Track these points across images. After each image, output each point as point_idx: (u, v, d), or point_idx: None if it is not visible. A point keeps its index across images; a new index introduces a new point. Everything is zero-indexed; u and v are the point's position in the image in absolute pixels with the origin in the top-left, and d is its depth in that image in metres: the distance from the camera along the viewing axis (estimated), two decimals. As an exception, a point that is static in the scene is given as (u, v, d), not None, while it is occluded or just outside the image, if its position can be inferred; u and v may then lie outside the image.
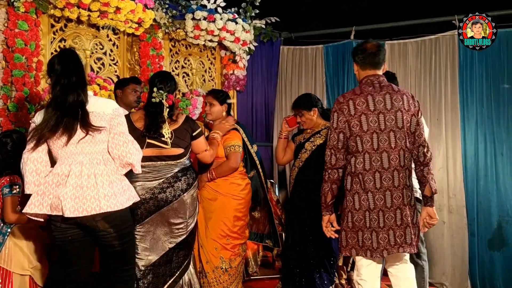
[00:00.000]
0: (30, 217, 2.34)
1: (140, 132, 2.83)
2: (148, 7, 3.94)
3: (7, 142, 2.83)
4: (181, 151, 2.89)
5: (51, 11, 3.58)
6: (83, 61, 2.57)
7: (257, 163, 3.47)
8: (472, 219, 4.38)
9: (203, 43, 4.66)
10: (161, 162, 2.85)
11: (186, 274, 2.99)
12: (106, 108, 2.38)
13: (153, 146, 2.83)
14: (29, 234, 2.82)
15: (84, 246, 2.38)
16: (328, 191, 2.57)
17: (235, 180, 3.31)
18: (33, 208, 2.25)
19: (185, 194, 2.88)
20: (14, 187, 2.73)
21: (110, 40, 4.09)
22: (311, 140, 3.41)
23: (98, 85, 3.80)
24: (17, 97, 3.31)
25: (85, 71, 2.45)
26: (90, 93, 2.44)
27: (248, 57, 5.06)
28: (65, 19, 3.76)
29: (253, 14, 4.84)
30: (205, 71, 4.91)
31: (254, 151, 3.47)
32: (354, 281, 2.66)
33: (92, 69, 3.93)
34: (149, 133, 2.81)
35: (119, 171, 2.38)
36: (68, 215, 2.19)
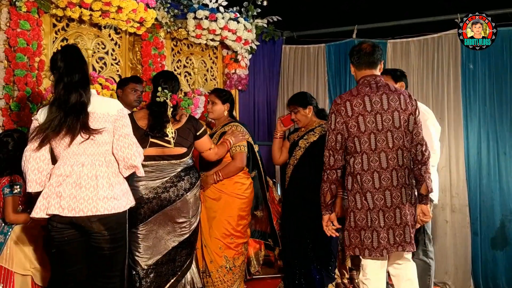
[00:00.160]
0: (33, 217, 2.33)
1: (143, 131, 2.83)
2: (150, 6, 3.94)
3: (8, 142, 2.82)
4: (184, 150, 2.89)
5: (53, 11, 3.58)
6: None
7: (259, 162, 3.48)
8: (475, 218, 4.38)
9: (205, 42, 4.65)
10: (164, 162, 2.85)
11: (189, 273, 3.00)
12: (110, 109, 2.34)
13: (156, 145, 2.84)
14: (30, 234, 2.81)
15: (81, 246, 2.34)
16: (327, 191, 2.60)
17: (239, 179, 3.31)
18: (38, 212, 2.23)
19: (188, 194, 2.89)
20: (14, 187, 2.73)
21: (112, 39, 4.09)
22: (304, 138, 3.45)
23: (100, 84, 3.80)
24: (19, 96, 3.31)
25: (88, 68, 2.43)
26: (94, 92, 2.40)
27: (250, 56, 5.05)
28: (67, 19, 3.76)
29: (255, 13, 4.83)
30: (207, 70, 4.91)
31: (257, 151, 3.48)
32: (359, 281, 2.67)
33: (94, 69, 3.93)
34: (153, 132, 2.81)
35: (120, 174, 2.36)
36: (66, 214, 2.17)
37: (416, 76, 4.75)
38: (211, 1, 4.49)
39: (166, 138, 2.84)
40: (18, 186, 2.74)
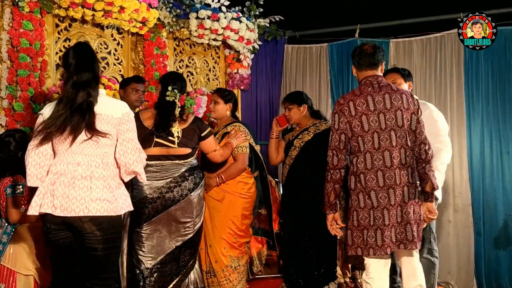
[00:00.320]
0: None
1: (149, 130, 2.84)
2: (152, 6, 3.95)
3: (10, 142, 2.82)
4: (188, 151, 2.90)
5: (56, 11, 3.59)
6: None
7: (262, 162, 3.48)
8: (478, 218, 4.37)
9: (207, 42, 4.66)
10: (169, 162, 2.85)
11: (192, 273, 3.01)
12: (115, 111, 2.29)
13: (161, 145, 2.84)
14: (33, 234, 2.81)
15: (78, 249, 2.29)
16: (331, 190, 2.62)
17: (242, 179, 3.32)
18: (31, 209, 2.20)
19: (192, 194, 2.89)
20: (17, 187, 2.73)
21: (115, 39, 4.10)
22: (299, 137, 3.48)
23: (102, 84, 3.80)
24: (22, 96, 3.33)
25: (99, 66, 2.38)
26: (103, 92, 2.36)
27: (252, 56, 5.05)
28: (69, 19, 3.77)
29: (257, 13, 4.83)
30: (209, 70, 4.91)
31: (259, 151, 3.48)
32: (362, 280, 2.68)
33: (96, 69, 3.94)
34: (158, 131, 2.82)
35: (117, 178, 2.30)
36: (58, 213, 2.14)
37: (419, 76, 4.74)
38: (213, 1, 4.50)
39: (171, 138, 2.84)
40: (21, 186, 2.74)
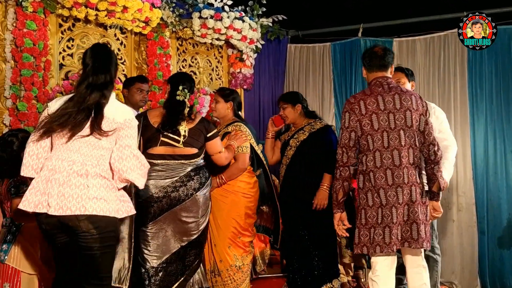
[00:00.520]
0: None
1: (155, 129, 2.85)
2: (155, 6, 3.96)
3: (13, 142, 2.80)
4: (194, 151, 2.90)
5: (59, 11, 3.60)
6: None
7: (264, 162, 3.47)
8: (481, 217, 4.35)
9: (210, 41, 4.66)
10: (174, 161, 2.85)
11: (197, 272, 3.00)
12: (117, 115, 2.26)
13: (167, 144, 2.85)
14: (38, 234, 2.79)
15: (76, 251, 2.25)
16: (339, 188, 2.64)
17: (244, 178, 3.32)
18: (26, 205, 2.16)
19: (197, 193, 2.88)
20: (21, 187, 2.72)
21: (118, 39, 4.11)
22: (295, 137, 3.53)
23: (107, 84, 3.81)
24: (25, 96, 3.34)
25: (116, 69, 2.37)
26: (113, 95, 2.33)
27: (255, 55, 5.05)
28: (73, 19, 3.78)
29: (260, 12, 4.83)
30: (212, 69, 4.92)
31: (260, 150, 3.47)
32: (369, 279, 2.70)
33: (99, 68, 3.95)
34: (165, 129, 2.82)
35: (116, 182, 2.26)
36: (52, 212, 2.10)
37: (423, 75, 4.73)
38: (216, 1, 4.50)
39: (177, 137, 2.85)
40: (25, 186, 2.73)
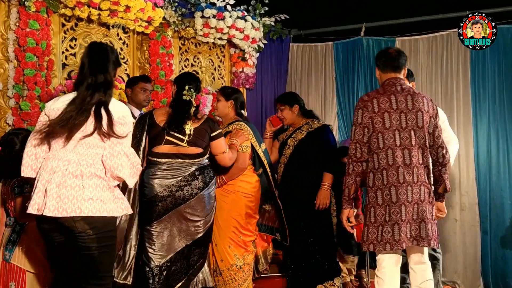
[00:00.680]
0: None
1: (160, 128, 2.85)
2: (157, 5, 3.96)
3: (14, 142, 2.80)
4: (199, 150, 2.90)
5: (62, 10, 3.60)
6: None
7: (264, 162, 3.46)
8: (484, 217, 4.35)
9: (212, 41, 4.66)
10: (179, 160, 2.85)
11: (201, 272, 3.00)
12: (112, 113, 2.25)
13: (171, 143, 2.85)
14: (41, 233, 2.82)
15: (72, 252, 2.25)
16: (352, 183, 2.67)
17: (244, 178, 3.31)
18: (30, 209, 2.16)
19: (202, 192, 2.88)
20: (25, 186, 2.72)
21: (120, 38, 4.11)
22: (293, 136, 3.58)
23: (109, 83, 3.81)
24: (28, 96, 3.34)
25: (114, 67, 2.34)
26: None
27: (258, 54, 5.04)
28: (75, 18, 3.78)
29: (262, 12, 4.83)
30: (215, 69, 4.91)
31: (262, 150, 3.46)
32: (375, 276, 2.74)
33: (102, 68, 3.95)
34: (170, 128, 2.83)
35: (111, 180, 2.25)
36: (47, 213, 2.09)
37: (425, 74, 4.72)
38: (218, 0, 4.49)
39: (181, 136, 2.85)
40: (29, 186, 2.74)
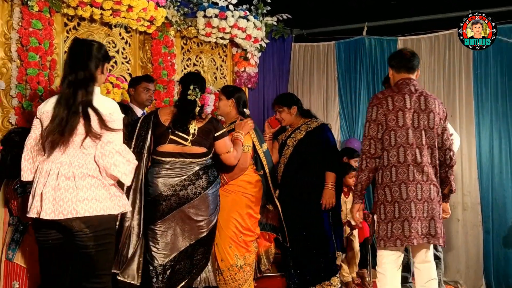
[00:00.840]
0: None
1: (165, 127, 2.85)
2: (160, 5, 3.96)
3: (16, 141, 2.81)
4: (203, 150, 2.90)
5: (65, 10, 3.61)
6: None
7: (264, 163, 3.45)
8: (487, 217, 4.34)
9: (214, 40, 4.66)
10: (183, 159, 2.86)
11: (204, 271, 3.00)
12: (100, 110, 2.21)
13: (175, 142, 2.85)
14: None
15: (66, 252, 2.26)
16: (365, 179, 2.72)
17: (245, 177, 3.30)
18: (29, 212, 2.18)
19: (206, 192, 2.89)
20: (27, 186, 2.73)
21: (123, 38, 4.11)
22: (292, 137, 3.58)
23: (111, 83, 3.82)
24: (31, 95, 3.34)
25: (97, 63, 2.28)
26: (97, 90, 2.28)
27: (260, 54, 5.05)
28: (78, 18, 3.79)
29: (264, 11, 4.83)
30: (217, 68, 4.92)
31: (263, 151, 3.45)
32: (377, 272, 2.77)
33: (105, 67, 3.96)
34: (175, 127, 2.83)
35: (106, 178, 2.22)
36: (44, 216, 2.09)
37: (428, 74, 4.72)
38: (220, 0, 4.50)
39: (185, 135, 2.85)
40: (31, 186, 2.74)
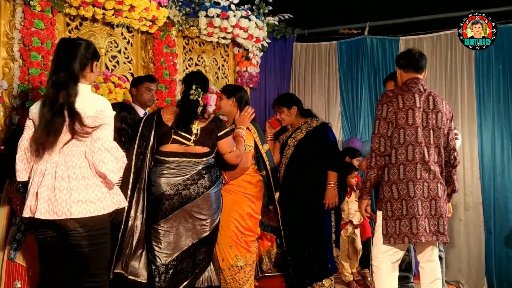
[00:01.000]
0: None
1: (168, 127, 2.86)
2: (162, 5, 3.96)
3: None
4: (206, 150, 2.90)
5: (67, 10, 3.61)
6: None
7: (267, 163, 3.45)
8: (488, 217, 4.35)
9: (216, 40, 4.66)
10: (186, 159, 2.86)
11: (206, 270, 3.01)
12: (88, 109, 2.19)
13: (178, 142, 2.85)
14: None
15: (64, 250, 2.26)
16: (374, 177, 2.73)
17: (246, 177, 3.28)
18: (24, 213, 2.19)
19: (208, 191, 2.88)
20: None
21: (125, 38, 4.12)
22: (292, 137, 3.57)
23: (113, 83, 3.83)
24: (33, 95, 3.35)
25: (82, 63, 2.24)
26: (86, 87, 2.26)
27: (261, 54, 5.05)
28: (80, 18, 3.79)
29: (266, 11, 4.83)
30: (218, 68, 4.92)
31: (265, 151, 3.45)
32: (373, 266, 2.80)
33: (107, 67, 3.97)
34: (178, 128, 2.83)
35: (97, 177, 2.23)
36: (39, 216, 2.11)
37: (429, 73, 4.70)
38: (222, -1, 4.50)
39: (188, 135, 2.85)
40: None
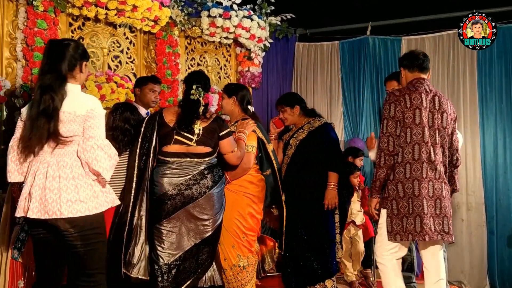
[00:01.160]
0: None
1: (170, 127, 2.86)
2: (164, 5, 3.97)
3: None
4: (208, 149, 2.90)
5: (69, 10, 3.62)
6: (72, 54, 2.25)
7: (273, 162, 3.44)
8: (491, 217, 4.34)
9: (218, 40, 4.67)
10: (188, 159, 2.86)
11: (209, 270, 3.01)
12: (78, 108, 2.19)
13: (180, 142, 2.85)
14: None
15: (58, 249, 2.28)
16: (383, 176, 2.74)
17: (247, 177, 3.27)
18: (17, 212, 2.19)
19: (210, 191, 2.88)
20: None
21: (127, 38, 4.12)
22: (294, 136, 3.57)
23: (115, 83, 3.83)
24: (36, 95, 3.36)
25: (71, 64, 2.24)
26: (75, 87, 2.25)
27: (264, 54, 5.05)
28: (83, 18, 3.80)
29: (268, 11, 4.83)
30: (221, 68, 4.92)
31: (271, 150, 3.45)
32: (377, 263, 2.82)
33: (109, 67, 3.97)
34: (180, 128, 2.83)
35: (89, 176, 2.23)
36: (30, 215, 2.12)
37: (432, 73, 4.62)
38: (224, -1, 4.51)
39: (190, 135, 2.85)
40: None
